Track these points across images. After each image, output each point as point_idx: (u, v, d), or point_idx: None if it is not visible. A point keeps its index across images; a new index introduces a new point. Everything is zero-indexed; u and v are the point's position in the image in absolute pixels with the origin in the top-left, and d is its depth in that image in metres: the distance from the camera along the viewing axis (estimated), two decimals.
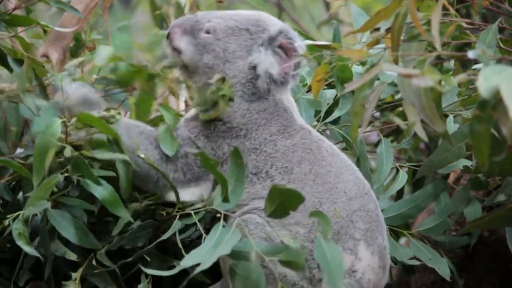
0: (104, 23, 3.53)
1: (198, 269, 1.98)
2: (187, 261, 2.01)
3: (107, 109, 2.26)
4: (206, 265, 1.97)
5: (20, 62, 2.47)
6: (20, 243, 2.10)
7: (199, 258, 2.00)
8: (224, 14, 2.40)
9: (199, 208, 2.25)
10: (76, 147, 2.20)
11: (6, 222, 2.13)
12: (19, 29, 2.70)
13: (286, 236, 2.11)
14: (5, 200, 2.37)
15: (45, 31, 2.85)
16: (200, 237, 2.27)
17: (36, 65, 2.42)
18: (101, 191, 2.14)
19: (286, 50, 2.32)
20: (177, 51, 2.36)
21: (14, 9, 2.58)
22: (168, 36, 2.37)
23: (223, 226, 2.08)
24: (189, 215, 2.26)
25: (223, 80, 2.29)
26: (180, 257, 2.24)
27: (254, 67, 2.34)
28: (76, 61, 2.41)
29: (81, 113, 2.19)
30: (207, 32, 2.35)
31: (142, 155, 2.25)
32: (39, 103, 2.32)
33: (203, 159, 2.05)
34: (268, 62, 2.32)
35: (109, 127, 2.17)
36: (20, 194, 2.39)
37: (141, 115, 2.40)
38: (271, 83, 2.33)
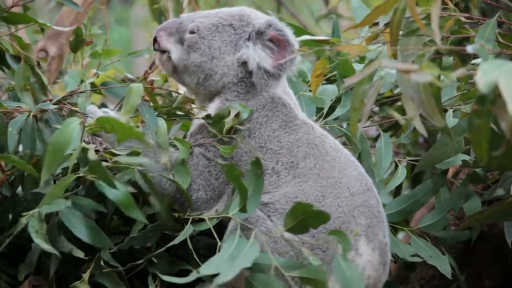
0: (103, 17, 3.53)
1: (218, 280, 1.95)
2: (205, 269, 1.98)
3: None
4: (226, 277, 1.94)
5: (18, 59, 2.47)
6: (38, 241, 2.07)
7: (217, 268, 1.97)
8: (208, 13, 2.42)
9: (213, 216, 2.26)
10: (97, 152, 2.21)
11: (24, 220, 2.11)
12: (18, 26, 2.70)
13: (307, 253, 2.10)
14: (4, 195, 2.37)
15: (42, 30, 2.85)
16: (201, 233, 2.28)
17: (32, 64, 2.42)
18: (115, 193, 2.11)
19: (278, 42, 2.32)
20: (165, 52, 2.40)
21: (12, 6, 2.57)
22: (154, 40, 2.41)
23: (240, 236, 2.07)
24: (201, 220, 2.26)
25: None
26: (188, 258, 2.24)
27: (244, 64, 2.35)
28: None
29: (101, 116, 2.19)
30: (192, 32, 2.38)
31: (171, 177, 2.25)
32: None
33: (228, 171, 2.03)
34: (258, 56, 2.32)
35: (132, 127, 2.13)
36: (19, 189, 2.38)
37: None
38: (268, 78, 2.33)
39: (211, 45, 2.36)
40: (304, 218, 2.00)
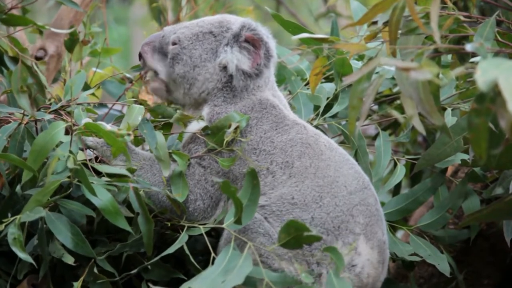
0: (102, 16, 3.53)
1: None
2: (197, 285, 1.98)
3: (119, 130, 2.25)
4: None
5: (16, 60, 2.46)
6: (15, 248, 2.08)
7: (208, 284, 1.97)
8: (190, 23, 2.45)
9: (208, 226, 2.26)
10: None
11: (3, 227, 2.11)
12: (16, 28, 2.70)
13: (300, 269, 2.10)
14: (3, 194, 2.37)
15: (41, 32, 2.85)
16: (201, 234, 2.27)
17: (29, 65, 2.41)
18: (100, 200, 2.11)
19: (253, 42, 2.34)
20: (152, 70, 2.45)
21: (11, 8, 2.57)
22: (140, 56, 2.45)
23: (234, 248, 2.06)
24: (194, 226, 2.27)
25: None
26: (185, 260, 2.24)
27: (225, 68, 2.36)
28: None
29: (89, 122, 2.20)
30: (174, 44, 2.41)
31: (167, 192, 2.26)
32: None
33: (225, 187, 2.02)
34: (236, 59, 2.34)
35: (116, 139, 2.16)
36: (18, 188, 2.38)
37: None
38: (246, 79, 2.34)
39: (192, 54, 2.38)
40: (297, 235, 2.00)
